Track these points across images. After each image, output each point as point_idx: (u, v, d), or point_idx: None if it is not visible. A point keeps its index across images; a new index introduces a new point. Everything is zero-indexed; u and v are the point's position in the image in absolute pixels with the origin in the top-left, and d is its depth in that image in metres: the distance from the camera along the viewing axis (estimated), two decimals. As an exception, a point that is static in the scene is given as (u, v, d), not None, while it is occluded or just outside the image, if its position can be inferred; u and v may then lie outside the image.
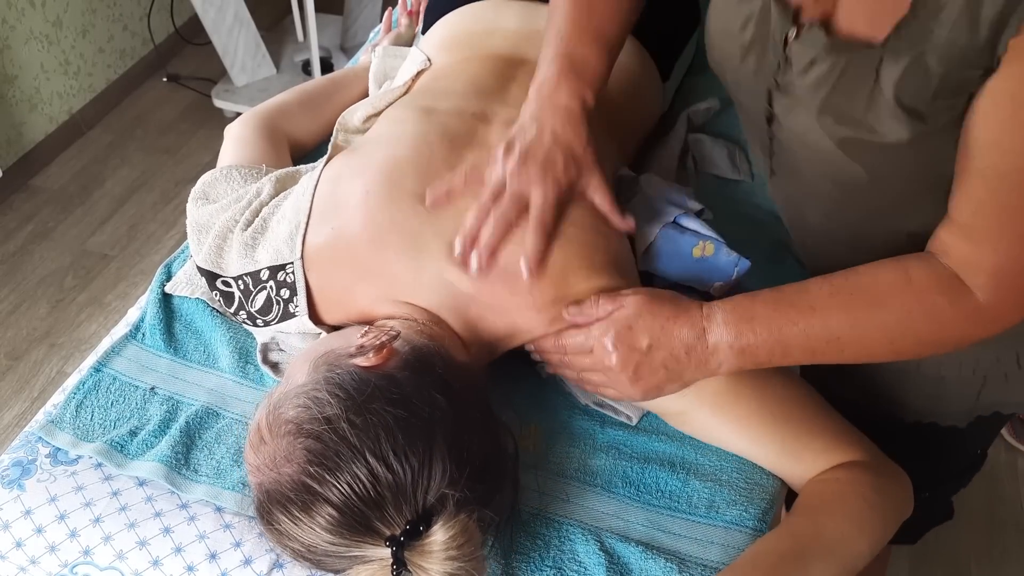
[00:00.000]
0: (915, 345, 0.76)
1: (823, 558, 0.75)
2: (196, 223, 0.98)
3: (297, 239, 0.88)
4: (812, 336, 0.75)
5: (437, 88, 1.03)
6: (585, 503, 0.84)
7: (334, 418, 0.70)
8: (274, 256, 0.90)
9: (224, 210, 0.96)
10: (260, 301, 0.91)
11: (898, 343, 0.76)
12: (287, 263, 0.88)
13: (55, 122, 2.60)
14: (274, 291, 0.90)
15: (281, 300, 0.89)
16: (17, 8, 2.38)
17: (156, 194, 2.52)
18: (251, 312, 0.92)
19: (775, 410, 0.82)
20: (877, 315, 0.74)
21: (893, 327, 0.74)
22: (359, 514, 0.68)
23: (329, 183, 0.91)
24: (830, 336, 0.75)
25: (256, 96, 2.63)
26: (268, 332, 0.93)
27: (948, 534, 1.70)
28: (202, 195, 1.01)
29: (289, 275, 0.88)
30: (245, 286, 0.92)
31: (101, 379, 0.94)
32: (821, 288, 0.76)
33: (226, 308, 0.95)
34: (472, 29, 1.12)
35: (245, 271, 0.92)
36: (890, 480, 0.81)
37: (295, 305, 0.88)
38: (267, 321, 0.91)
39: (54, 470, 0.86)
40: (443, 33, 1.14)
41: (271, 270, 0.90)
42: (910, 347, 0.77)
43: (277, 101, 1.17)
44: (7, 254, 2.32)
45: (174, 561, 0.80)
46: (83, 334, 2.12)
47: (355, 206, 0.87)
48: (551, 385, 0.94)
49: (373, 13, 2.82)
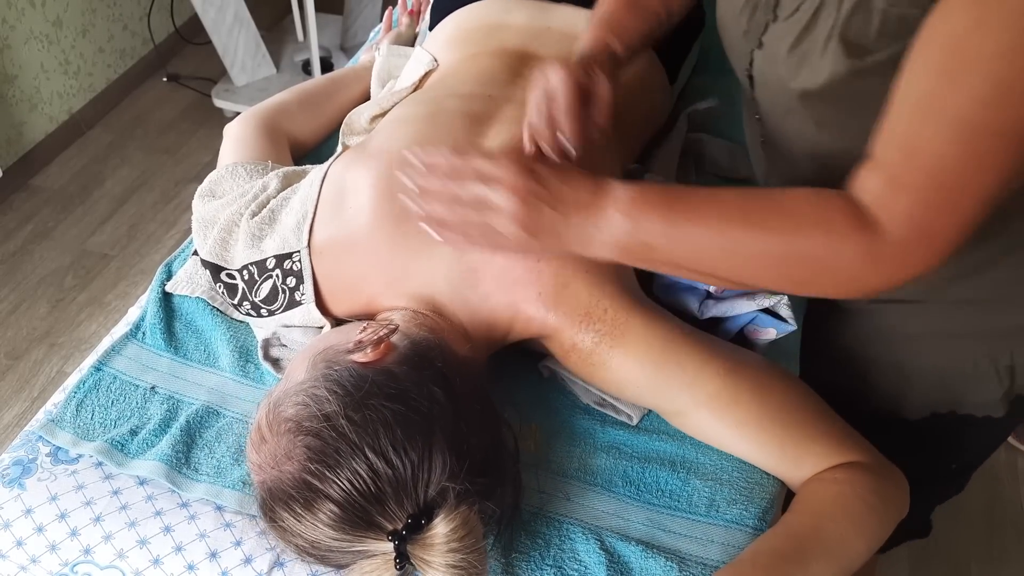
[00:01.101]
0: (810, 275, 0.71)
1: (821, 558, 0.75)
2: (202, 218, 0.99)
3: (304, 228, 0.89)
4: (708, 243, 0.72)
5: (446, 84, 1.04)
6: (585, 502, 0.84)
7: (333, 415, 0.70)
8: (280, 245, 0.90)
9: (229, 204, 0.97)
10: (265, 290, 0.91)
11: (792, 268, 0.71)
12: (294, 251, 0.89)
13: (55, 122, 2.60)
14: (280, 279, 0.90)
15: (287, 289, 0.90)
16: (17, 8, 2.38)
17: (156, 194, 2.52)
18: (255, 302, 0.92)
19: (774, 415, 0.82)
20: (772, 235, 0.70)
21: (788, 250, 0.70)
22: (361, 510, 0.68)
23: (337, 174, 0.92)
24: (724, 244, 0.71)
25: (256, 96, 2.63)
26: (272, 324, 0.93)
27: (948, 534, 1.71)
28: (208, 192, 1.01)
29: (296, 263, 0.89)
30: (250, 275, 0.92)
31: (101, 378, 0.94)
32: (734, 198, 0.73)
33: (229, 300, 0.96)
34: (480, 25, 1.12)
35: (251, 260, 0.92)
36: (888, 481, 0.81)
37: (301, 294, 0.89)
38: (272, 311, 0.91)
39: (55, 469, 0.86)
40: (451, 30, 1.14)
41: (277, 259, 0.90)
42: (804, 276, 0.72)
43: (277, 100, 1.17)
44: (7, 254, 2.32)
45: (174, 560, 0.80)
46: (83, 334, 2.12)
47: (362, 195, 0.88)
48: (552, 384, 0.94)
49: (373, 13, 2.82)
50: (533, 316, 0.85)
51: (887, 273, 0.68)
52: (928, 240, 0.66)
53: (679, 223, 0.72)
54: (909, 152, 0.64)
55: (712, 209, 0.72)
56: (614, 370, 0.83)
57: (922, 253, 0.67)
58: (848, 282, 0.71)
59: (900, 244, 0.66)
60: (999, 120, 0.60)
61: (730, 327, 0.94)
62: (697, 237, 0.72)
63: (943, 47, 0.61)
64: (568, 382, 0.92)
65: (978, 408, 0.95)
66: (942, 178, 0.63)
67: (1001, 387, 0.91)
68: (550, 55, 1.09)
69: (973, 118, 0.60)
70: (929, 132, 0.63)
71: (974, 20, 0.58)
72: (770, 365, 0.86)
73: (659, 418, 0.89)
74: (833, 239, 0.68)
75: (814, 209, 0.69)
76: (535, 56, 1.06)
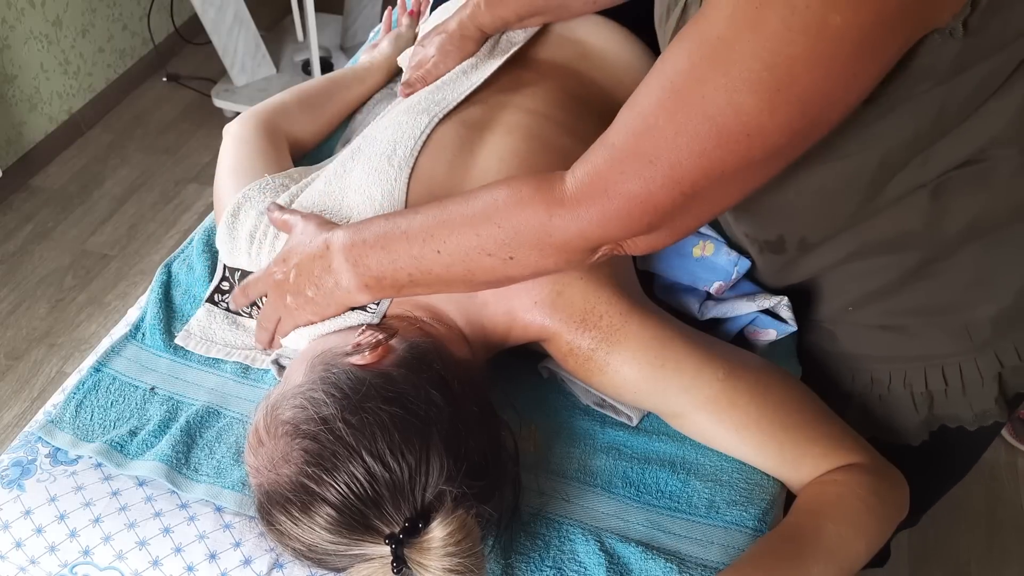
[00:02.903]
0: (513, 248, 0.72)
1: (822, 560, 0.75)
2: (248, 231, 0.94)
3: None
4: (425, 256, 0.75)
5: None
6: (585, 503, 0.84)
7: (330, 418, 0.70)
8: None
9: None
10: None
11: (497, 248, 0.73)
12: None
13: (55, 122, 2.60)
14: None
15: None
16: (17, 8, 2.38)
17: (156, 194, 2.52)
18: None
19: (773, 417, 0.82)
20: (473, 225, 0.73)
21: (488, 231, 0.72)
22: (358, 513, 0.68)
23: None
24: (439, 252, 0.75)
25: (256, 96, 2.63)
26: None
27: (948, 534, 1.71)
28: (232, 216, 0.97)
29: None
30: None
31: (101, 379, 0.94)
32: (432, 206, 0.77)
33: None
34: None
35: None
36: (887, 481, 0.81)
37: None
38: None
39: (54, 470, 0.85)
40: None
41: None
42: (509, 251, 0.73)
43: (276, 100, 1.17)
44: (7, 254, 2.32)
45: (174, 561, 0.80)
46: (83, 334, 2.12)
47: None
48: (551, 385, 0.94)
49: (373, 13, 2.82)
50: (530, 322, 0.85)
51: (564, 224, 0.68)
52: (603, 194, 0.66)
53: (391, 248, 0.77)
54: (631, 119, 0.64)
55: (415, 224, 0.76)
56: (612, 373, 0.83)
57: (597, 207, 0.66)
58: (550, 246, 0.70)
59: (574, 193, 0.67)
60: (714, 113, 0.59)
61: (730, 328, 0.94)
62: (411, 254, 0.76)
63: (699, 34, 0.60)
64: (568, 383, 0.92)
65: (898, 435, 0.95)
66: (638, 140, 0.63)
67: (919, 414, 0.92)
68: (548, 58, 1.09)
69: (691, 100, 0.59)
70: (643, 93, 0.63)
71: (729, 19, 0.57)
72: (769, 366, 0.86)
73: (659, 419, 0.89)
74: (524, 210, 0.70)
75: (503, 192, 0.72)
76: (533, 60, 1.06)
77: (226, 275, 0.96)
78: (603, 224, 0.67)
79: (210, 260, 1.05)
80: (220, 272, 0.97)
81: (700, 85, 0.59)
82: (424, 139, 0.93)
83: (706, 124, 0.59)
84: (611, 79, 1.08)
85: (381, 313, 0.85)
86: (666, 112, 0.61)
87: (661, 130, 0.61)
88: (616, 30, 1.10)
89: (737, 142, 0.60)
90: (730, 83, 0.58)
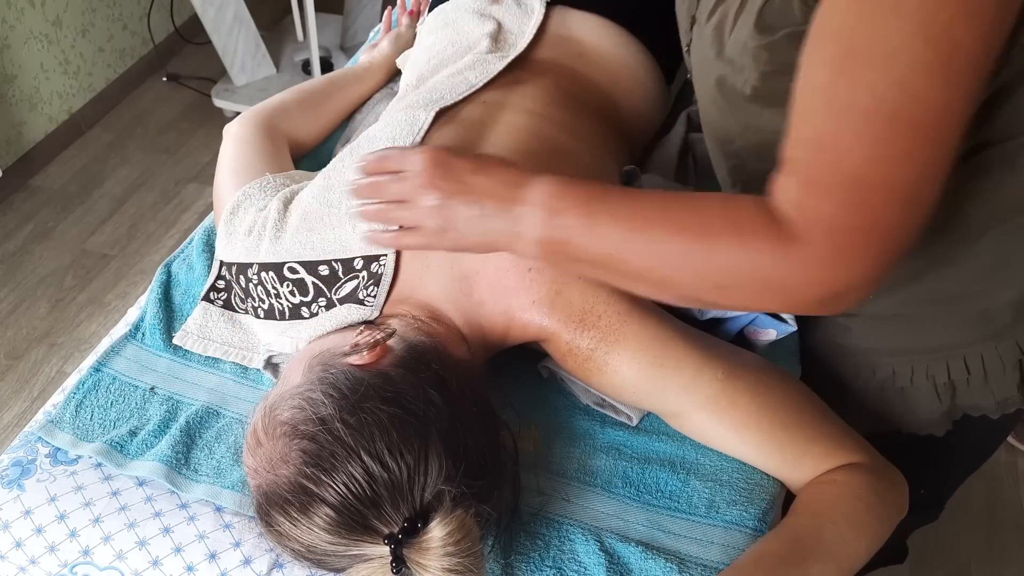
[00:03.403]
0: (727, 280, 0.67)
1: (822, 560, 0.75)
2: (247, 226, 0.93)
3: None
4: (626, 240, 0.68)
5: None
6: (585, 503, 0.84)
7: (328, 418, 0.70)
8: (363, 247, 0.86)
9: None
10: (347, 288, 0.87)
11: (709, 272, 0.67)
12: (382, 254, 0.86)
13: (55, 122, 2.60)
14: (364, 281, 0.87)
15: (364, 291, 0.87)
16: (17, 8, 2.38)
17: (156, 194, 2.52)
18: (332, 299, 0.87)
19: (773, 417, 0.82)
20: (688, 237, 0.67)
21: (703, 252, 0.66)
22: (356, 513, 0.68)
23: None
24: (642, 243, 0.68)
25: (256, 96, 2.63)
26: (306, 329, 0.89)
27: (948, 534, 1.71)
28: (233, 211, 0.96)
29: (382, 266, 0.86)
30: (333, 272, 0.88)
31: (101, 379, 0.94)
32: (654, 198, 0.70)
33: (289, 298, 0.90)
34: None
35: (334, 257, 0.87)
36: (887, 481, 0.81)
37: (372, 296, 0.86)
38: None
39: (54, 470, 0.85)
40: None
41: (365, 260, 0.86)
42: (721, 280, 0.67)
43: (276, 100, 1.17)
44: (7, 254, 2.32)
45: (174, 561, 0.80)
46: (83, 334, 2.12)
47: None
48: (551, 385, 0.94)
49: (373, 13, 2.82)
50: (529, 322, 0.84)
51: (809, 278, 0.63)
52: (844, 241, 0.61)
53: (598, 218, 0.69)
54: (817, 149, 0.61)
55: (631, 207, 0.69)
56: (611, 373, 0.83)
57: (842, 257, 0.62)
58: (769, 289, 0.65)
59: (815, 246, 0.62)
60: (897, 110, 0.57)
61: (730, 328, 0.94)
62: (615, 234, 0.68)
63: (835, 39, 0.58)
64: (567, 383, 0.92)
65: (920, 427, 0.94)
66: (850, 173, 0.60)
67: (941, 405, 0.91)
68: (545, 57, 1.09)
69: (871, 109, 0.58)
70: (831, 127, 0.60)
71: (861, 12, 0.56)
72: (769, 366, 0.86)
73: (659, 419, 0.89)
74: (745, 245, 0.64)
75: (723, 214, 0.66)
76: (530, 59, 1.06)
77: (221, 272, 0.96)
78: (850, 270, 0.62)
79: (210, 260, 1.05)
80: (215, 269, 0.97)
81: (870, 90, 0.57)
82: (423, 135, 0.93)
83: (898, 128, 0.57)
84: (608, 78, 1.08)
85: (379, 307, 0.84)
86: (862, 136, 0.58)
87: (863, 154, 0.59)
88: (613, 29, 1.10)
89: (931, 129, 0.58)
90: (899, 75, 0.56)
